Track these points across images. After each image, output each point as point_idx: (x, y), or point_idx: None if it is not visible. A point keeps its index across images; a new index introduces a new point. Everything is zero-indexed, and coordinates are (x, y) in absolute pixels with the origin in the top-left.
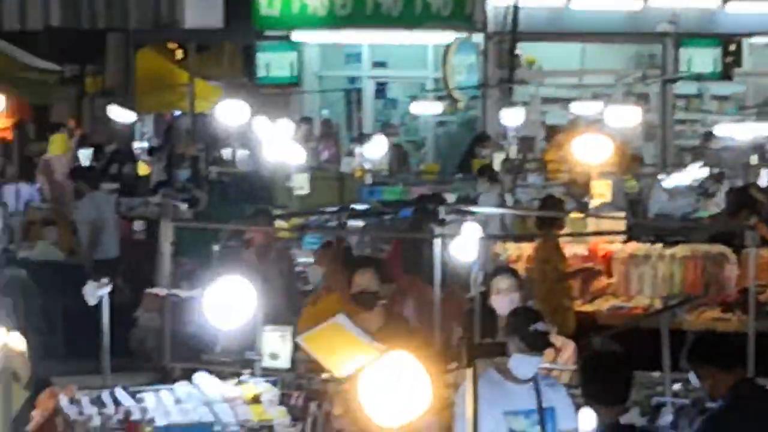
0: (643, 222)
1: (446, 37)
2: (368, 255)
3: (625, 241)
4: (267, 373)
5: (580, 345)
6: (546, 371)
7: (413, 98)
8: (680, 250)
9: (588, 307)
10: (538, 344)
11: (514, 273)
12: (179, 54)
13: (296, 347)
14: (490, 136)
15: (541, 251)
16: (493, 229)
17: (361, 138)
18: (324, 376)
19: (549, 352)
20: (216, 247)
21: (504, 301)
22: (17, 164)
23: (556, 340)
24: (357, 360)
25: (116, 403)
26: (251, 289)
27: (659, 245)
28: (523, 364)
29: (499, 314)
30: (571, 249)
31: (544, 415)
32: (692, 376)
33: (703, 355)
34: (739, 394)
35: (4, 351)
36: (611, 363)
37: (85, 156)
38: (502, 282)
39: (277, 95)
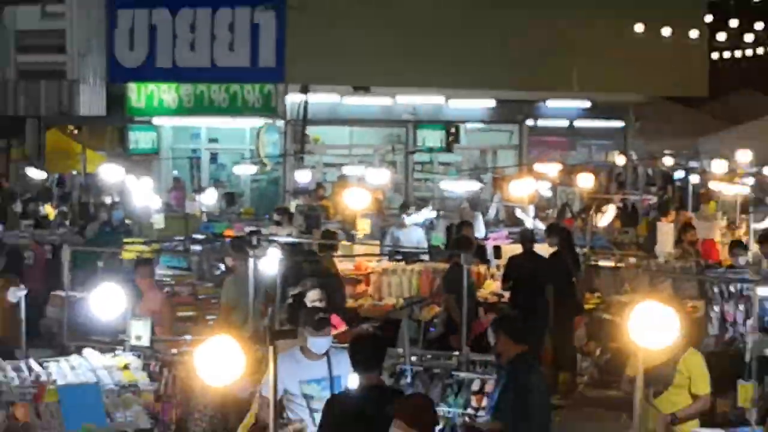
0: (392, 247)
1: (258, 122)
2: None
3: (379, 260)
4: (134, 349)
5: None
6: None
7: (236, 163)
8: (417, 266)
9: (354, 304)
10: (322, 326)
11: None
12: (75, 132)
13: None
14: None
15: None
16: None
17: (200, 190)
18: (173, 351)
19: None
20: (100, 263)
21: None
22: None
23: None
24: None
25: (30, 369)
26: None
27: (403, 263)
28: (318, 342)
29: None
30: (343, 265)
31: (333, 381)
32: (491, 337)
33: (503, 326)
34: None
35: None
36: (370, 341)
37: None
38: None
39: (142, 161)
